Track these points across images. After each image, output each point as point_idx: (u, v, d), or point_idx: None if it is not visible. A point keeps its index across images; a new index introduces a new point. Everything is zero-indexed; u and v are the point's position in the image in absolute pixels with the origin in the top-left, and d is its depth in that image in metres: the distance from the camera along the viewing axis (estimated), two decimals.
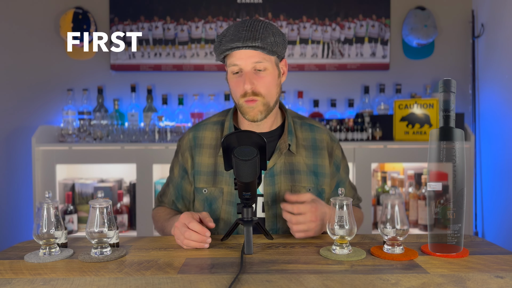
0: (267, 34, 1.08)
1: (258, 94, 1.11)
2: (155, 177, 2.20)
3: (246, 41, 1.06)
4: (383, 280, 0.76)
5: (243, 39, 1.06)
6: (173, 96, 2.53)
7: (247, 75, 1.10)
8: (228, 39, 1.08)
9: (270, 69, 1.12)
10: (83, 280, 0.78)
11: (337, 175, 1.26)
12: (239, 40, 1.06)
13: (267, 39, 1.08)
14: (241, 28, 1.08)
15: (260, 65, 1.10)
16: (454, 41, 2.55)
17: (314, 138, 1.24)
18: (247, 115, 1.14)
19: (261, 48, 1.07)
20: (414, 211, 2.24)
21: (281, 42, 1.12)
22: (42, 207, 0.90)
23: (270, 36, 1.09)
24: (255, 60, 1.09)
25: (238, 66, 1.10)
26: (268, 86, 1.12)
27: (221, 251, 0.95)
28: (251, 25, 1.09)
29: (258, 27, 1.09)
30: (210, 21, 2.52)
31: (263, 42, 1.07)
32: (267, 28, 1.10)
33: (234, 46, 1.06)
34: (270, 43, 1.08)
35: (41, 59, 2.53)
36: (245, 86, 1.09)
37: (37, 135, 2.15)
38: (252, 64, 1.09)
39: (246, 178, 0.92)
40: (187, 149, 1.24)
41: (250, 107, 1.12)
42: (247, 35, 1.06)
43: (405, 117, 2.23)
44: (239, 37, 1.06)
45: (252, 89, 1.10)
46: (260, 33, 1.07)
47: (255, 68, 1.10)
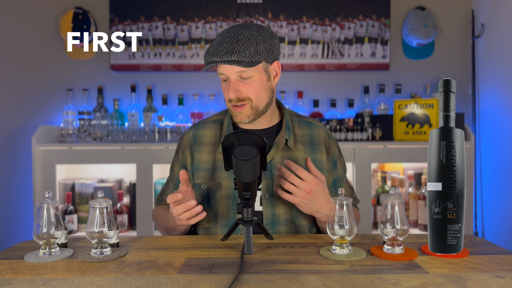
0: (247, 45, 1.08)
1: (245, 99, 1.14)
2: (155, 177, 2.20)
3: (222, 56, 1.08)
4: (383, 280, 0.76)
5: (220, 53, 1.08)
6: (173, 96, 2.53)
7: (232, 84, 1.13)
8: (210, 51, 1.11)
9: (256, 75, 1.13)
10: (83, 280, 0.78)
11: (335, 172, 1.27)
12: (217, 55, 1.08)
13: (245, 51, 1.07)
14: (223, 39, 1.10)
15: (244, 74, 1.12)
16: (454, 41, 2.55)
17: (312, 134, 1.26)
18: (235, 119, 1.18)
19: (237, 62, 1.08)
20: (414, 211, 2.24)
21: (267, 49, 1.11)
22: (42, 207, 0.90)
23: (250, 47, 1.08)
24: (238, 71, 1.11)
25: (224, 74, 1.14)
26: (256, 91, 1.14)
27: (221, 251, 0.95)
28: (234, 35, 1.09)
29: (240, 38, 1.08)
30: (210, 21, 2.52)
31: (239, 56, 1.07)
32: (250, 38, 1.09)
33: (212, 60, 1.10)
34: (249, 55, 1.08)
35: (41, 59, 2.53)
36: (229, 95, 1.13)
37: (37, 135, 2.15)
38: (236, 74, 1.12)
39: (246, 178, 0.92)
40: (187, 147, 1.26)
41: (238, 112, 1.16)
42: (226, 48, 1.08)
43: (405, 117, 2.23)
44: (218, 51, 1.08)
45: (237, 96, 1.13)
46: (240, 45, 1.07)
47: (240, 76, 1.13)
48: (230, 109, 1.18)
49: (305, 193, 1.03)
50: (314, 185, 1.03)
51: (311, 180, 1.03)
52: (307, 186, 1.03)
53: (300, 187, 1.03)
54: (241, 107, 1.14)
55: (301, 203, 1.05)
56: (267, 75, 1.16)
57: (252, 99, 1.14)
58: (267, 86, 1.16)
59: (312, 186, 1.03)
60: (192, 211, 1.01)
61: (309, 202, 1.05)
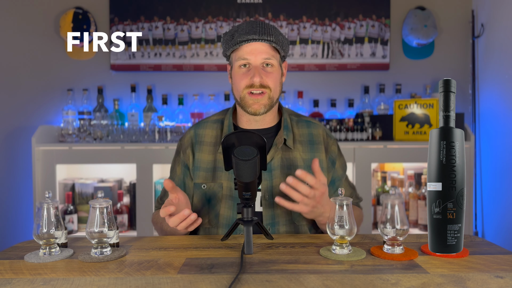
0: (278, 33, 1.16)
1: (266, 87, 1.15)
2: (155, 177, 2.20)
3: (262, 34, 1.13)
4: (383, 280, 0.76)
5: (259, 32, 1.13)
6: (173, 96, 2.53)
7: (257, 69, 1.14)
8: (243, 32, 1.14)
9: (276, 66, 1.18)
10: (83, 280, 0.78)
11: (333, 171, 1.26)
12: (255, 33, 1.12)
13: (279, 36, 1.16)
14: (254, 24, 1.15)
15: (269, 61, 1.15)
16: (454, 41, 2.55)
17: (311, 133, 1.26)
18: (249, 108, 1.16)
19: (275, 43, 1.14)
20: (414, 211, 2.24)
21: (287, 43, 1.20)
22: (42, 207, 0.90)
23: (280, 35, 1.17)
24: (265, 56, 1.15)
25: (247, 60, 1.15)
26: (275, 81, 1.17)
27: (221, 251, 0.95)
28: (263, 23, 1.17)
29: (269, 26, 1.17)
30: (210, 21, 2.52)
31: (276, 38, 1.14)
32: (275, 29, 1.18)
33: (251, 38, 1.12)
34: (281, 41, 1.16)
35: (41, 59, 2.53)
36: (254, 79, 1.13)
37: (37, 135, 2.15)
38: (262, 59, 1.15)
39: (246, 178, 0.92)
40: (188, 146, 1.26)
41: (256, 99, 1.15)
42: (261, 30, 1.13)
43: (405, 117, 2.23)
44: (255, 31, 1.13)
45: (260, 82, 1.14)
46: (272, 31, 1.15)
47: (263, 63, 1.15)
48: (244, 98, 1.15)
49: (316, 202, 1.01)
50: (323, 192, 1.01)
51: (320, 187, 1.00)
52: (318, 195, 1.00)
53: (311, 196, 0.99)
54: (260, 94, 1.15)
55: (309, 211, 1.02)
56: (281, 70, 1.21)
57: (271, 88, 1.16)
58: (281, 81, 1.21)
59: (322, 194, 1.01)
60: (187, 221, 0.98)
61: (316, 210, 1.03)
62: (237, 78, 1.17)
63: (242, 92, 1.16)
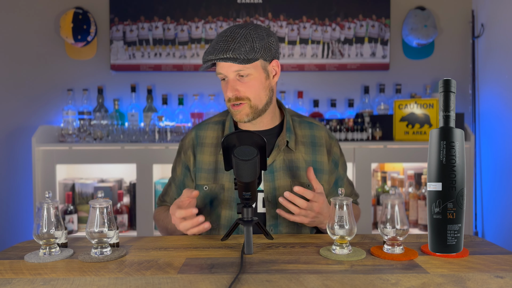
0: (243, 43, 1.09)
1: (244, 98, 1.14)
2: (155, 177, 2.20)
3: (218, 53, 1.09)
4: (383, 280, 0.76)
5: (216, 51, 1.10)
6: (173, 96, 2.53)
7: (230, 83, 1.14)
8: (208, 50, 1.13)
9: (254, 74, 1.13)
10: (83, 280, 0.78)
11: (336, 172, 1.27)
12: (213, 53, 1.10)
13: (240, 48, 1.08)
14: (220, 38, 1.12)
15: (242, 72, 1.12)
16: (454, 41, 2.55)
17: (313, 135, 1.25)
18: (234, 117, 1.19)
19: (232, 59, 1.08)
20: (414, 211, 2.24)
21: (264, 47, 1.12)
22: (42, 207, 0.90)
23: (246, 45, 1.09)
24: (235, 69, 1.12)
25: (222, 74, 1.15)
26: (254, 90, 1.14)
27: (221, 251, 0.95)
28: (231, 34, 1.11)
29: (236, 37, 1.10)
30: (210, 21, 2.52)
31: (234, 53, 1.08)
32: (246, 36, 1.10)
33: (208, 59, 1.11)
34: (245, 52, 1.08)
35: (41, 59, 2.53)
36: (228, 94, 1.14)
37: (37, 135, 2.15)
38: (234, 72, 1.13)
39: (246, 178, 0.92)
40: (190, 147, 1.26)
41: (237, 111, 1.16)
42: (221, 46, 1.09)
43: (405, 117, 2.23)
44: (214, 49, 1.10)
45: (235, 95, 1.14)
46: (235, 43, 1.09)
47: (238, 75, 1.13)
48: (229, 108, 1.18)
49: (316, 213, 1.04)
50: (322, 203, 1.04)
51: (319, 200, 1.03)
52: (316, 207, 1.03)
53: (307, 208, 1.03)
54: (239, 105, 1.15)
55: (310, 222, 1.06)
56: (266, 73, 1.16)
57: (250, 98, 1.14)
58: (266, 85, 1.16)
59: (321, 204, 1.04)
60: (199, 227, 1.02)
61: (317, 219, 1.06)
62: (222, 89, 1.20)
63: (226, 104, 1.18)
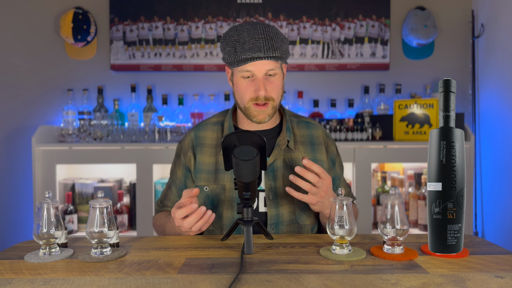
0: (281, 43, 1.12)
1: (269, 99, 1.14)
2: (155, 177, 2.20)
3: (267, 51, 1.08)
4: (383, 280, 0.76)
5: (263, 49, 1.08)
6: (173, 96, 2.53)
7: (261, 82, 1.12)
8: (246, 47, 1.08)
9: (279, 74, 1.16)
10: (83, 280, 0.78)
11: (333, 171, 1.28)
12: (260, 51, 1.08)
13: (282, 47, 1.12)
14: (256, 35, 1.09)
15: (272, 71, 1.13)
16: (454, 41, 2.55)
17: (312, 135, 1.26)
18: (255, 118, 1.16)
19: (279, 58, 1.11)
20: (414, 211, 2.24)
21: (287, 47, 1.16)
22: (42, 207, 0.90)
23: (284, 44, 1.13)
24: (269, 68, 1.12)
25: (250, 72, 1.12)
26: (278, 90, 1.16)
27: (221, 251, 0.95)
28: (264, 31, 1.10)
29: (271, 35, 1.11)
30: (210, 21, 2.52)
31: (281, 52, 1.11)
32: (277, 35, 1.12)
33: (256, 56, 1.08)
34: (285, 51, 1.13)
35: (41, 59, 2.53)
36: (260, 93, 1.12)
37: (37, 135, 2.15)
38: (266, 71, 1.12)
39: (246, 178, 0.92)
40: (189, 149, 1.25)
41: (261, 111, 1.14)
42: (266, 44, 1.08)
43: (405, 117, 2.23)
44: (259, 47, 1.08)
45: (265, 95, 1.13)
46: (277, 42, 1.10)
47: (267, 74, 1.13)
48: (249, 109, 1.15)
49: (324, 192, 1.03)
50: (329, 181, 1.04)
51: (326, 177, 1.03)
52: (325, 185, 1.02)
53: (318, 185, 1.01)
54: (264, 105, 1.14)
55: (318, 202, 1.04)
56: (283, 74, 1.19)
57: (274, 99, 1.15)
58: (282, 85, 1.19)
59: (328, 183, 1.03)
60: (204, 218, 0.99)
61: (324, 200, 1.05)
62: (241, 88, 1.15)
63: (247, 104, 1.15)
